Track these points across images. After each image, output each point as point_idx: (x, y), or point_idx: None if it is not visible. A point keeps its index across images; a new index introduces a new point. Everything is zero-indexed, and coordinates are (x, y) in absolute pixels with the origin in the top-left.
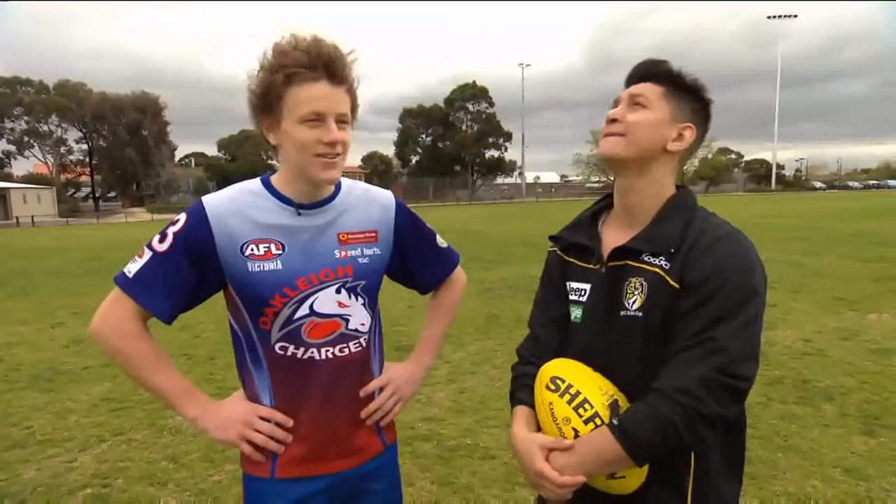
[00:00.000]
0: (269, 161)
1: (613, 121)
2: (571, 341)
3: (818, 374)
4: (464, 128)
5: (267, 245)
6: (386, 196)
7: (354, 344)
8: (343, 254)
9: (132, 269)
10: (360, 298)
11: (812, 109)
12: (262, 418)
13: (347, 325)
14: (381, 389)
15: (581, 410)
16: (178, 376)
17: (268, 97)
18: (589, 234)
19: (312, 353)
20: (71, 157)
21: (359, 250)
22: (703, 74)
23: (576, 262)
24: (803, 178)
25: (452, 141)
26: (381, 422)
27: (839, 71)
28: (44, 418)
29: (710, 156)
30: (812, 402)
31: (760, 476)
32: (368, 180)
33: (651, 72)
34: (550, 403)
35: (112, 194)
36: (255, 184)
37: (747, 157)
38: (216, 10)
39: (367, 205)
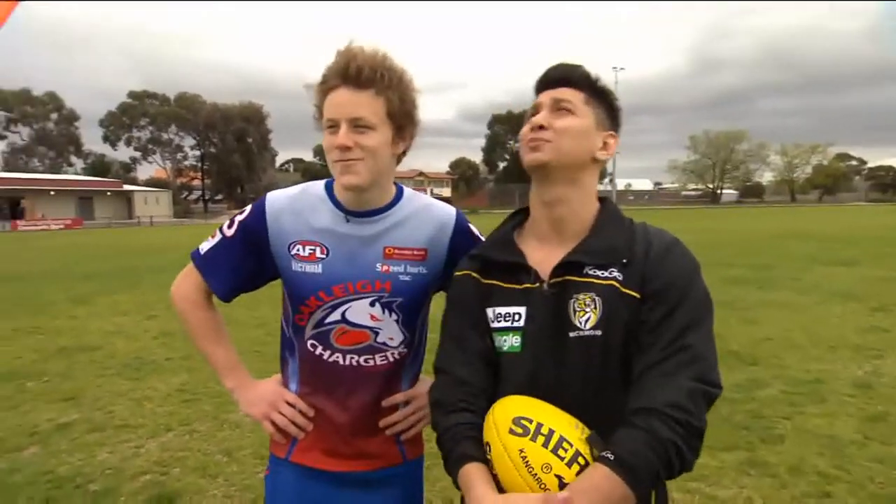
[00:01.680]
0: None
1: (540, 127)
2: (509, 375)
3: None
4: None
5: (313, 248)
6: (446, 214)
7: (381, 357)
8: (385, 268)
9: (204, 247)
10: (394, 314)
11: None
12: (288, 403)
13: (376, 337)
14: (408, 403)
15: (561, 452)
16: (228, 349)
17: (318, 108)
18: (513, 251)
19: (337, 357)
20: (185, 162)
21: (402, 267)
22: (818, 75)
23: (500, 283)
24: None
25: None
26: (403, 435)
27: None
28: (124, 404)
29: (825, 162)
30: None
31: None
32: (455, 186)
33: (569, 76)
34: (521, 451)
35: (219, 197)
36: (319, 186)
37: (871, 164)
38: (316, 29)
39: (423, 221)
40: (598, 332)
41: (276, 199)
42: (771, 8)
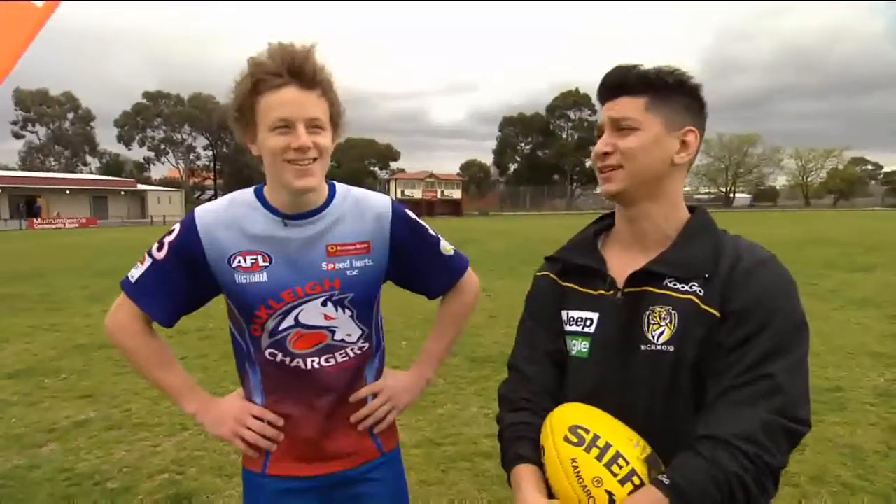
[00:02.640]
0: (372, 168)
1: (605, 153)
2: (575, 380)
3: None
4: (564, 136)
5: (255, 257)
6: (382, 203)
7: (341, 354)
8: (330, 266)
9: (135, 274)
10: (347, 311)
11: None
12: (254, 417)
13: (333, 336)
14: (375, 396)
15: (615, 468)
16: (180, 373)
17: (243, 108)
18: (595, 255)
19: (298, 362)
20: (198, 162)
21: (348, 262)
22: (838, 79)
23: (576, 287)
24: None
25: (552, 149)
26: (375, 428)
27: None
28: (141, 402)
29: (840, 166)
30: None
31: None
32: (466, 188)
33: (624, 83)
34: (573, 460)
35: None
36: (248, 194)
37: (887, 168)
38: (329, 28)
39: (361, 214)
40: (671, 349)
41: (205, 212)
42: (790, 9)
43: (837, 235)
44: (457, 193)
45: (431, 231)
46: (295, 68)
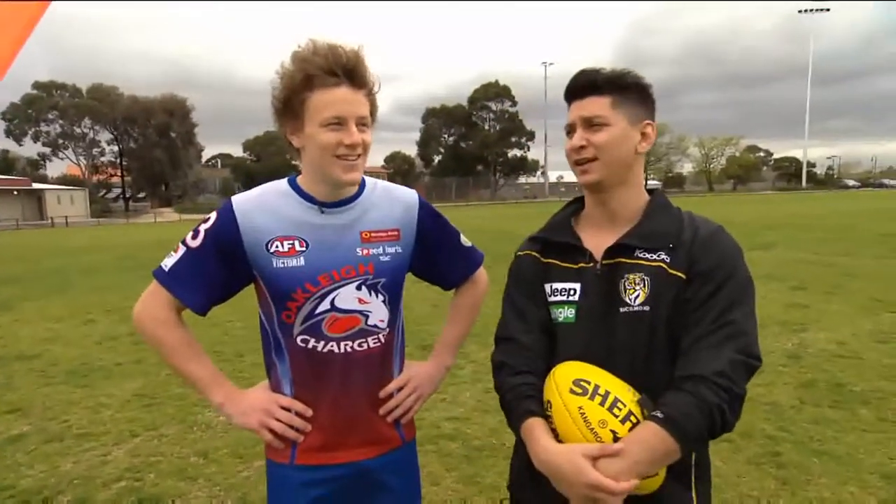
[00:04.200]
0: (294, 162)
1: (581, 147)
2: (564, 343)
3: (853, 377)
4: (486, 127)
5: (291, 242)
6: (409, 194)
7: (373, 339)
8: (365, 251)
9: (168, 263)
10: (380, 295)
11: (847, 106)
12: (282, 408)
13: (367, 320)
14: (401, 388)
15: (616, 410)
16: (208, 364)
17: (290, 102)
18: (571, 235)
19: (332, 346)
20: (102, 158)
21: (381, 248)
22: (739, 73)
23: (557, 262)
24: (835, 176)
25: (475, 140)
26: (402, 419)
27: (878, 66)
28: (79, 413)
29: (737, 154)
30: (847, 406)
31: (794, 481)
32: (392, 180)
33: (592, 84)
34: (580, 408)
35: (141, 195)
36: (282, 184)
37: (777, 155)
38: (243, 15)
39: (390, 203)
40: (647, 308)
41: (243, 200)
42: (694, 8)
43: (739, 217)
44: None
45: (452, 224)
46: (349, 69)
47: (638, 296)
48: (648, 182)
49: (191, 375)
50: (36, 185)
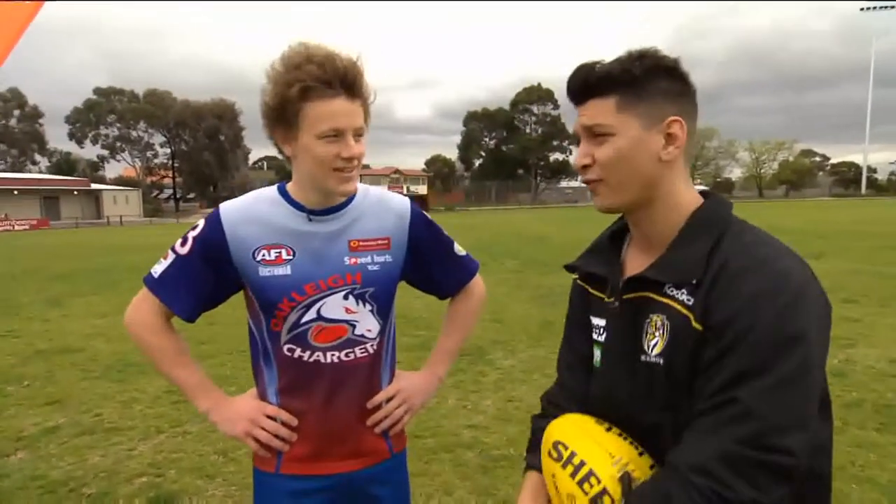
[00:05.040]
0: None
1: (585, 167)
2: (592, 390)
3: None
4: (528, 131)
5: (278, 250)
6: (401, 203)
7: (360, 349)
8: (353, 261)
9: (158, 269)
10: (367, 305)
11: None
12: (268, 416)
13: (354, 330)
14: (390, 399)
15: (586, 486)
16: (195, 371)
17: (283, 111)
18: (607, 260)
19: (318, 356)
20: (156, 160)
21: (369, 257)
22: (792, 75)
23: (596, 293)
24: None
25: (516, 144)
26: (390, 431)
27: None
28: (112, 407)
29: (791, 158)
30: (895, 430)
31: None
32: (431, 183)
33: (588, 84)
34: (553, 475)
35: (191, 196)
36: (271, 191)
37: (834, 160)
38: (287, 22)
39: (381, 211)
40: (661, 361)
41: (230, 208)
42: (746, 9)
43: (789, 224)
44: (422, 189)
45: (445, 233)
46: (348, 80)
47: (656, 343)
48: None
49: (179, 381)
50: (94, 186)
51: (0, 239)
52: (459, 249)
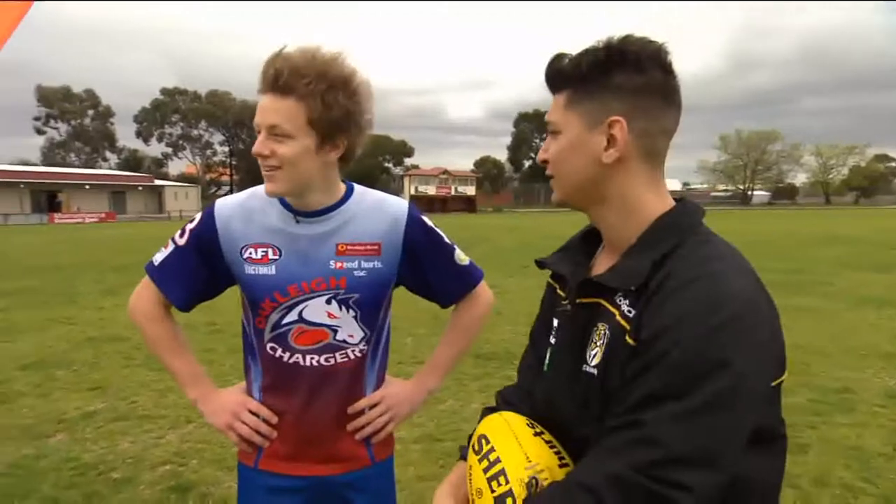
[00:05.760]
0: (386, 164)
1: (544, 161)
2: (537, 389)
3: None
4: None
5: (265, 249)
6: (399, 207)
7: (341, 355)
8: (338, 265)
9: (158, 258)
10: (351, 311)
11: None
12: (250, 412)
13: (335, 335)
14: (374, 405)
15: (494, 484)
16: (189, 360)
17: None
18: (575, 260)
19: (297, 358)
20: (215, 158)
21: (356, 262)
22: (864, 75)
23: (559, 292)
24: None
25: None
26: (372, 438)
27: None
28: (147, 395)
29: (862, 163)
30: None
31: None
32: (480, 184)
33: (548, 79)
34: (470, 467)
35: None
36: None
37: None
38: (346, 25)
39: (375, 216)
40: (595, 372)
41: (224, 205)
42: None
43: (857, 233)
44: (471, 190)
45: (447, 239)
46: (267, 75)
47: (596, 354)
48: (754, 193)
49: (172, 369)
50: (157, 182)
51: (71, 230)
52: (461, 257)
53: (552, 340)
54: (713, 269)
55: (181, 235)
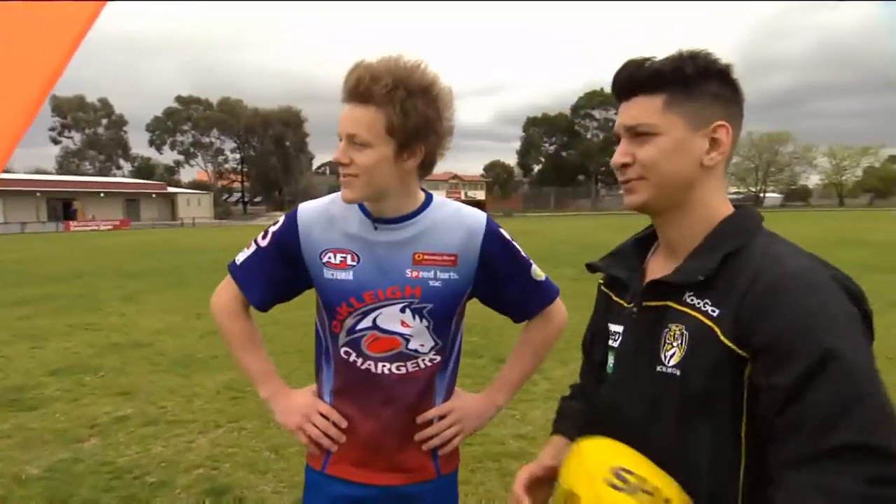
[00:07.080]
0: None
1: (624, 165)
2: (602, 394)
3: None
4: (589, 136)
5: (344, 255)
6: (476, 219)
7: (413, 364)
8: (414, 274)
9: (240, 257)
10: (424, 321)
11: None
12: (321, 414)
13: (407, 344)
14: (444, 417)
15: None
16: (263, 359)
17: None
18: (630, 265)
19: (370, 364)
20: (226, 165)
21: (432, 272)
22: (881, 76)
23: (614, 297)
24: None
25: (577, 149)
26: (439, 450)
27: None
28: (175, 400)
29: (876, 165)
30: None
31: None
32: (490, 189)
33: (636, 81)
34: None
35: (258, 199)
36: None
37: None
38: (358, 31)
39: (453, 226)
40: (677, 372)
41: (307, 210)
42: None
43: (874, 236)
44: (481, 194)
45: (524, 254)
46: (348, 84)
47: (674, 354)
48: (766, 195)
49: (246, 366)
50: (170, 189)
51: (87, 238)
52: (537, 273)
53: (613, 345)
54: (792, 266)
55: (263, 237)
